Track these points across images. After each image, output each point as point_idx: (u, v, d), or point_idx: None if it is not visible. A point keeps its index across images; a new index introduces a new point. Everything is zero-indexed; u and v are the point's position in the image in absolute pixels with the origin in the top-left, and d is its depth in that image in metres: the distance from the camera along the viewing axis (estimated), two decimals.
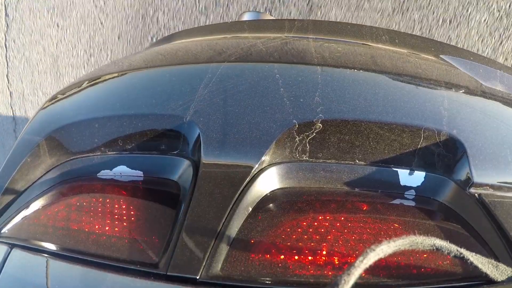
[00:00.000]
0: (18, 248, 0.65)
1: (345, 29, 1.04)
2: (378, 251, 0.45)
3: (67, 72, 3.01)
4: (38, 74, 3.10)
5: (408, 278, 0.55)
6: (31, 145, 0.83)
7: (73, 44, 2.97)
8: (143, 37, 2.68)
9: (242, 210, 0.63)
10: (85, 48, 2.95)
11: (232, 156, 0.68)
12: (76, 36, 2.94)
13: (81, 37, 2.93)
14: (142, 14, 2.67)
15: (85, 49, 2.95)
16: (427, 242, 0.50)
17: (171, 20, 2.59)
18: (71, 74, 3.01)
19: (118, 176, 0.79)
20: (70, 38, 2.97)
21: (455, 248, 0.51)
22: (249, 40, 0.96)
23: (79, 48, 2.96)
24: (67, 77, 3.02)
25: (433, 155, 0.69)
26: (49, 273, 0.62)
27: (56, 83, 3.07)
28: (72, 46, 2.97)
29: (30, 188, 0.80)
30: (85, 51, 2.96)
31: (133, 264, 0.59)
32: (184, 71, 0.86)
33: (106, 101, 0.86)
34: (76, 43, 2.96)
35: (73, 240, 0.66)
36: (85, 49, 2.95)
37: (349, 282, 0.42)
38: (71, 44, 2.98)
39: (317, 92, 0.73)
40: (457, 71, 0.88)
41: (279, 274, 0.56)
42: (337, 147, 0.70)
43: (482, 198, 0.64)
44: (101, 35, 2.84)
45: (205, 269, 0.55)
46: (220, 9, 2.38)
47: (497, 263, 0.52)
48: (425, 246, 0.50)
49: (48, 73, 3.07)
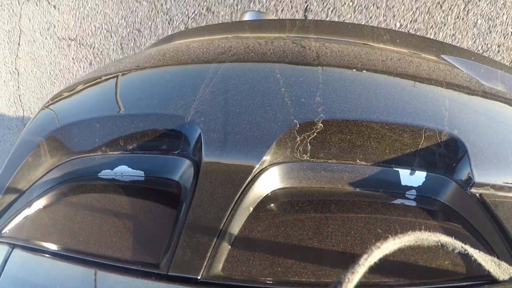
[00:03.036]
0: (19, 248, 0.65)
1: (346, 29, 1.04)
2: (383, 248, 0.45)
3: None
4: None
5: (410, 277, 0.55)
6: (32, 145, 0.83)
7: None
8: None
9: (243, 210, 0.63)
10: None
11: (233, 156, 0.68)
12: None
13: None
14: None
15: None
16: (432, 238, 0.49)
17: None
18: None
19: (119, 176, 0.79)
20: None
21: (459, 244, 0.51)
22: (250, 40, 0.96)
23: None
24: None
25: (434, 155, 0.69)
26: (50, 273, 0.62)
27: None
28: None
29: (31, 188, 0.80)
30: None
31: (134, 264, 0.59)
32: (185, 71, 0.86)
33: (106, 101, 0.85)
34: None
35: (74, 240, 0.66)
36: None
37: (353, 281, 0.41)
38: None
39: (318, 92, 0.73)
40: (458, 71, 0.88)
41: (280, 274, 0.56)
42: (338, 147, 0.70)
43: (483, 198, 0.64)
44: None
45: (206, 269, 0.55)
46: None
47: (499, 261, 0.52)
48: (430, 242, 0.49)
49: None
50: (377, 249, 0.44)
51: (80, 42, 2.88)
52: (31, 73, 3.11)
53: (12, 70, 3.21)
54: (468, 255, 0.51)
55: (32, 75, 3.11)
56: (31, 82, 3.12)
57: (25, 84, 3.15)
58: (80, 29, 2.86)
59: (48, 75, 3.04)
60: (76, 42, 2.90)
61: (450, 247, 0.51)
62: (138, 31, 2.64)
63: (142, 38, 2.64)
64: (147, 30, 2.61)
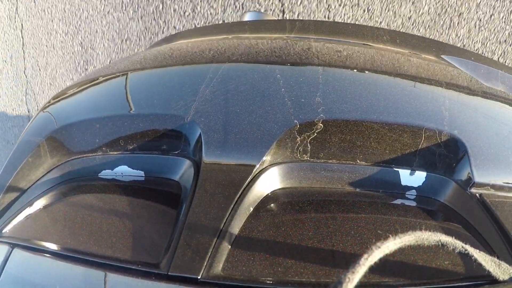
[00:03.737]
0: (19, 248, 0.65)
1: (346, 29, 1.04)
2: (383, 248, 0.44)
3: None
4: None
5: (410, 278, 0.55)
6: (32, 145, 0.83)
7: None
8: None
9: (243, 210, 0.63)
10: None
11: (233, 156, 0.68)
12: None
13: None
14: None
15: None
16: (433, 238, 0.49)
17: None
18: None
19: (120, 176, 0.79)
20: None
21: (460, 244, 0.51)
22: (250, 40, 0.96)
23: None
24: None
25: (434, 155, 0.69)
26: (50, 273, 0.62)
27: None
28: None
29: (31, 188, 0.80)
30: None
31: (134, 264, 0.59)
32: (185, 71, 0.86)
33: (107, 101, 0.86)
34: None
35: (74, 240, 0.66)
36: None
37: (354, 280, 0.41)
38: None
39: (318, 92, 0.73)
40: (458, 71, 0.88)
41: (280, 274, 0.56)
42: (338, 147, 0.70)
43: (483, 198, 0.64)
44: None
45: (206, 269, 0.55)
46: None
47: (499, 261, 0.52)
48: (431, 242, 0.49)
49: None
50: (377, 249, 0.44)
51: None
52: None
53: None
54: (468, 255, 0.51)
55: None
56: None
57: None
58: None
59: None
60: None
61: (451, 247, 0.51)
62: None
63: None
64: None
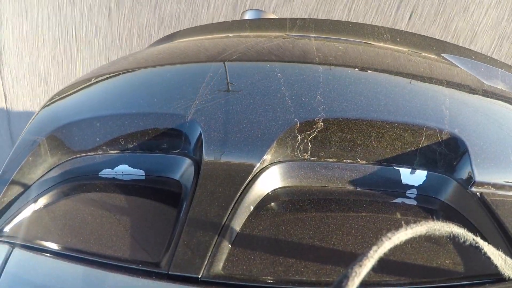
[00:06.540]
0: (20, 247, 0.65)
1: (347, 28, 1.04)
2: (394, 239, 0.42)
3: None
4: None
5: (416, 276, 0.55)
6: (32, 144, 0.83)
7: None
8: None
9: (243, 209, 0.63)
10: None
11: (233, 155, 0.68)
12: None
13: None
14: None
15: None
16: (445, 229, 0.48)
17: None
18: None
19: (120, 175, 0.79)
20: None
21: (471, 236, 0.50)
22: (250, 39, 0.96)
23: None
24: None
25: (434, 154, 0.69)
26: (51, 273, 0.62)
27: None
28: None
29: (31, 187, 0.80)
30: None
31: (134, 263, 0.59)
32: (185, 70, 0.86)
33: (107, 100, 0.85)
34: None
35: (75, 239, 0.66)
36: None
37: (361, 274, 0.38)
38: None
39: (318, 91, 0.73)
40: (458, 69, 0.88)
41: (281, 273, 0.56)
42: (338, 146, 0.70)
43: (483, 197, 0.64)
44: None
45: (206, 268, 0.55)
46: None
47: (505, 256, 0.52)
48: (442, 232, 0.48)
49: None
50: (388, 240, 0.41)
51: None
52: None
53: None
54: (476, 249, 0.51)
55: None
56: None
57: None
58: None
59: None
60: None
61: (462, 238, 0.50)
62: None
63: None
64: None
